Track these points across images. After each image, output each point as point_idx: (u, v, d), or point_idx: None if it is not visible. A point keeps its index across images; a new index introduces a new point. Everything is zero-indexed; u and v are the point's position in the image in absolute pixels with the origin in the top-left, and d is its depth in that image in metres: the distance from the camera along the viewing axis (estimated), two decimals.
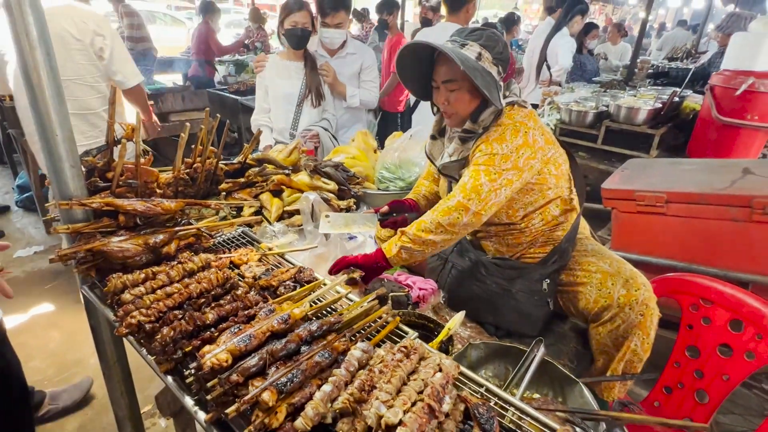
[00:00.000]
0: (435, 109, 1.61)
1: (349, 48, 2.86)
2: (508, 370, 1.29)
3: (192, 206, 1.37)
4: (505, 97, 1.47)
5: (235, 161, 1.75)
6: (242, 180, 1.71)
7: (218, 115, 1.51)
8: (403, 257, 1.44)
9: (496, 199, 1.37)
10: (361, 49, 2.94)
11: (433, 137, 1.68)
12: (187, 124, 1.35)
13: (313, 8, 2.72)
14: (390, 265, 1.47)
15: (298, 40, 2.51)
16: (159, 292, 1.07)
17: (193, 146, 1.49)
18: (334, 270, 1.46)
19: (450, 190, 1.58)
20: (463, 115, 1.46)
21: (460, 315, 1.28)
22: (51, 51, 1.06)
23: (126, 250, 1.17)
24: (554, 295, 1.50)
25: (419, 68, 1.48)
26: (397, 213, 1.71)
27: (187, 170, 1.45)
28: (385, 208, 1.69)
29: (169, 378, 0.95)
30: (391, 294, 1.44)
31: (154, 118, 3.04)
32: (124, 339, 1.54)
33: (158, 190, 1.39)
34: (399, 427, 0.76)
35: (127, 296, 1.04)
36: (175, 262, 1.19)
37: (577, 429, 0.98)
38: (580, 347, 1.50)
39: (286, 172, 1.82)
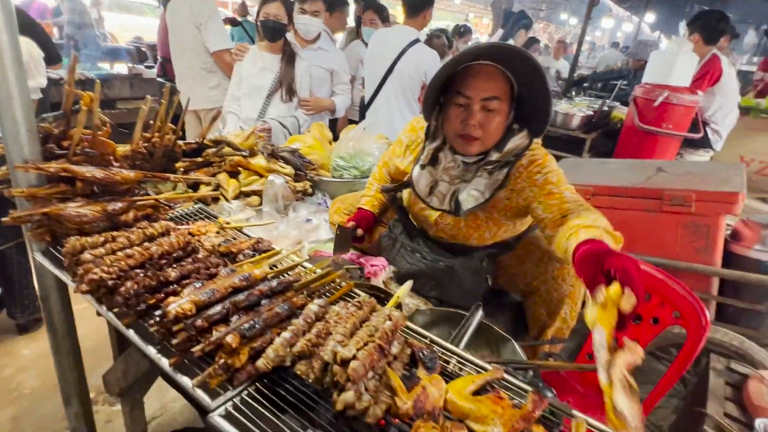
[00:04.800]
0: (429, 130, 1.41)
1: (321, 42, 2.95)
2: (450, 334, 1.42)
3: (150, 179, 1.39)
4: None
5: (192, 141, 1.78)
6: (199, 159, 1.74)
7: (178, 90, 1.54)
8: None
9: None
10: (332, 49, 3.06)
11: (422, 167, 1.44)
12: (148, 96, 1.38)
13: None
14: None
15: (271, 32, 2.56)
16: (120, 253, 1.10)
17: (151, 122, 1.51)
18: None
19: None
20: (490, 143, 1.31)
21: (408, 284, 1.39)
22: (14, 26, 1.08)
23: (83, 216, 1.19)
24: (493, 272, 1.65)
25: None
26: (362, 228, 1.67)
27: (145, 144, 1.47)
28: (351, 224, 1.64)
29: (131, 331, 0.99)
30: (346, 266, 1.53)
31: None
32: (74, 312, 1.54)
33: (115, 163, 1.40)
34: (353, 361, 0.85)
35: (87, 256, 1.06)
36: (135, 228, 1.21)
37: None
38: (514, 319, 1.67)
39: (244, 154, 1.87)
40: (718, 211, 1.99)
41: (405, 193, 1.67)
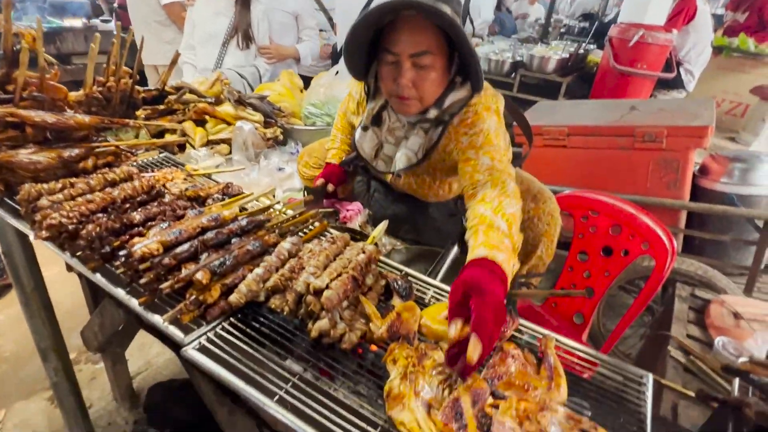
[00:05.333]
0: (368, 89, 1.33)
1: None
2: (426, 270, 1.44)
3: (108, 125, 1.31)
4: None
5: (152, 88, 1.68)
6: (161, 107, 1.66)
7: (130, 27, 1.44)
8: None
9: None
10: None
11: (365, 128, 1.37)
12: (97, 34, 1.28)
13: None
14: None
15: None
16: (79, 199, 1.05)
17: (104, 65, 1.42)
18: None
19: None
20: (428, 102, 1.20)
21: (384, 224, 1.39)
22: None
23: (38, 163, 1.13)
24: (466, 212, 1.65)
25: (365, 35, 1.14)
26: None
27: (100, 89, 1.39)
28: (320, 181, 1.54)
29: (98, 275, 0.96)
30: (320, 210, 1.51)
31: None
32: (48, 276, 1.50)
33: (68, 110, 1.32)
34: (326, 290, 0.85)
35: (44, 202, 1.01)
36: (95, 174, 1.16)
37: None
38: None
39: (209, 100, 1.78)
40: (688, 145, 2.02)
41: None
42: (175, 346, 0.87)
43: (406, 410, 0.71)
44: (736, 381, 1.04)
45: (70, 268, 1.44)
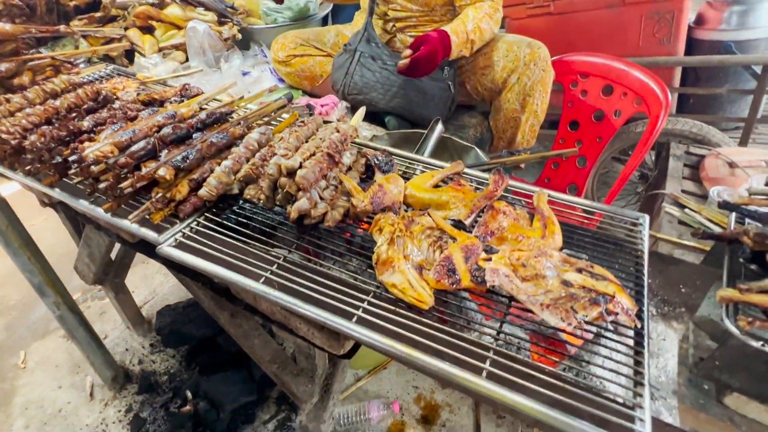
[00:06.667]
0: None
1: None
2: (413, 151, 1.38)
3: (37, 36, 1.16)
4: None
5: None
6: (98, 14, 1.48)
7: None
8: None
9: None
10: None
11: None
12: None
13: None
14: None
15: None
16: (18, 114, 0.95)
17: None
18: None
19: None
20: None
21: (362, 110, 1.30)
22: None
23: None
24: (455, 79, 1.55)
25: None
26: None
27: None
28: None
29: (57, 190, 0.89)
30: (293, 107, 1.41)
31: None
32: (36, 224, 1.43)
33: None
34: (300, 169, 0.79)
35: None
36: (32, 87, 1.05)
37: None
38: (478, 135, 1.62)
39: (151, 1, 1.59)
40: None
41: None
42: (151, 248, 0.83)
43: (397, 272, 0.69)
44: (732, 216, 1.02)
45: (44, 202, 1.37)
